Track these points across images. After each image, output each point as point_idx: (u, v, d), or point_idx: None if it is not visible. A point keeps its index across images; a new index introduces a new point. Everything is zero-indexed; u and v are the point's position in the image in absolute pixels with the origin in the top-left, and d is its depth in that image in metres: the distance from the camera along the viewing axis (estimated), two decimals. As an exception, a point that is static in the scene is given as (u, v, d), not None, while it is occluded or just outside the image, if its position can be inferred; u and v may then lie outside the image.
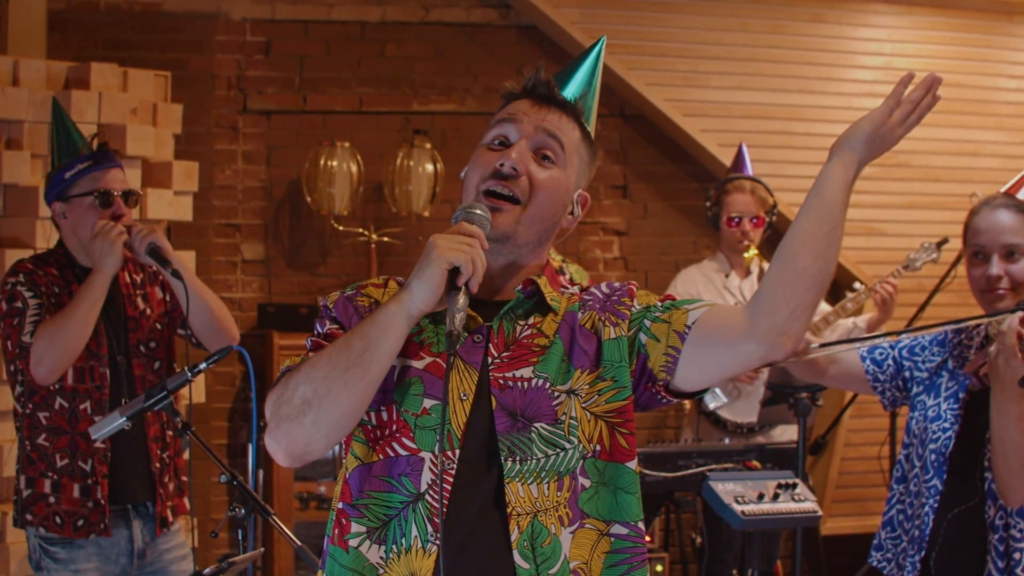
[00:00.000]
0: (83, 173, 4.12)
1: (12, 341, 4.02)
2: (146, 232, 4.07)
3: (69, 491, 4.04)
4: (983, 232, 3.53)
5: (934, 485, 3.54)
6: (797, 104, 7.24)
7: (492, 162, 2.44)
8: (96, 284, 4.01)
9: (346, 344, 2.28)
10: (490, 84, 7.13)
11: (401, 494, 2.34)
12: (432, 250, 2.29)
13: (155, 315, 4.30)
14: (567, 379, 2.40)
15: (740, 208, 5.87)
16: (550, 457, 2.36)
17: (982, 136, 7.41)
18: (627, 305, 2.47)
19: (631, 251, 7.34)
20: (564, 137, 2.47)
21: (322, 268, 7.01)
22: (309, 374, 2.27)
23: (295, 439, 2.28)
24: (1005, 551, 3.41)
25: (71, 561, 4.06)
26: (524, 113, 2.48)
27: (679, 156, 7.27)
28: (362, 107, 7.04)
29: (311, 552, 3.33)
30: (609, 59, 6.92)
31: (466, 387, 2.38)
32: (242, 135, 6.88)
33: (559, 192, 2.47)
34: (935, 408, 3.61)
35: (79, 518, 4.04)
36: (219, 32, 6.84)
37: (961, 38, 7.48)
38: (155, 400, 3.47)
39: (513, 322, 2.45)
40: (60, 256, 4.19)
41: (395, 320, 2.27)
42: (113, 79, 5.83)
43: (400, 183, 6.77)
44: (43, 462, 4.07)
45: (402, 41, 7.08)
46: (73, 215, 4.13)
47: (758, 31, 7.19)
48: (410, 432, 2.35)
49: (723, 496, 4.60)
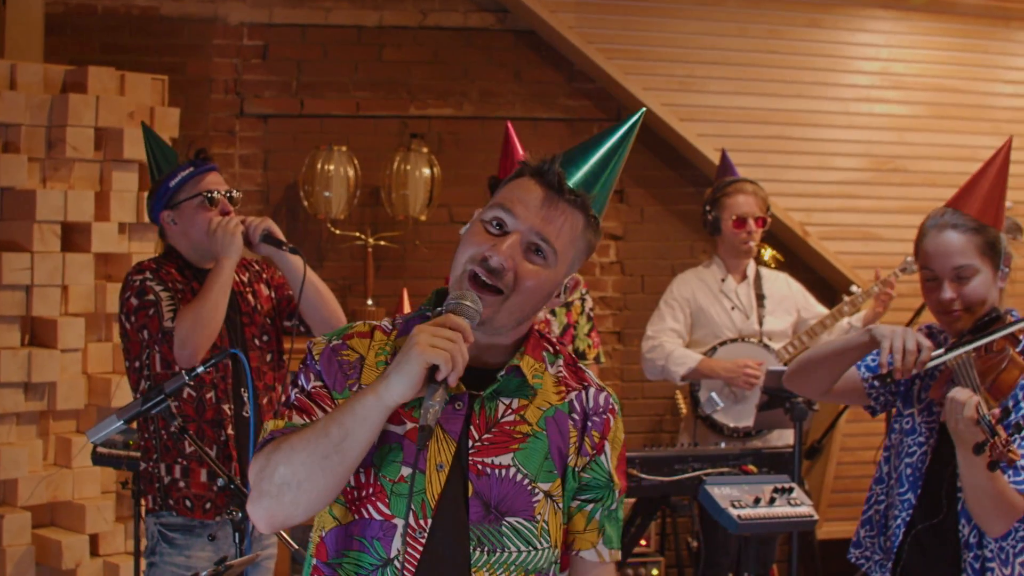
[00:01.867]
0: (186, 179, 4.34)
1: (150, 329, 4.19)
2: (259, 221, 4.33)
3: (197, 476, 4.23)
4: (932, 256, 3.51)
5: (908, 499, 3.56)
6: (794, 109, 7.25)
7: (484, 245, 2.43)
8: (224, 267, 4.23)
9: (325, 431, 2.31)
10: (487, 88, 7.14)
11: (372, 556, 2.40)
12: (413, 347, 2.27)
13: (265, 310, 4.51)
14: (548, 480, 2.46)
15: (745, 209, 5.85)
16: (523, 553, 2.43)
17: (978, 141, 7.41)
18: (593, 443, 2.53)
19: (628, 255, 7.35)
20: (559, 241, 2.46)
21: (319, 272, 6.97)
22: (289, 456, 2.32)
23: (274, 514, 2.34)
24: (980, 569, 3.43)
25: (187, 547, 4.25)
26: (526, 208, 2.45)
27: (676, 161, 7.28)
28: (359, 111, 7.05)
29: (307, 555, 3.33)
30: (606, 64, 6.94)
31: (443, 457, 2.41)
32: (239, 139, 6.89)
33: (543, 287, 2.47)
34: (909, 420, 3.62)
35: (207, 501, 4.24)
36: (216, 36, 6.85)
37: (958, 43, 7.48)
38: (152, 403, 3.49)
39: (495, 401, 2.47)
40: (174, 258, 4.38)
41: (372, 412, 2.29)
42: (110, 83, 5.84)
43: (397, 187, 6.78)
44: (175, 449, 4.25)
45: (399, 45, 7.08)
46: (182, 219, 4.34)
47: (755, 36, 7.20)
48: (385, 497, 2.40)
49: (719, 500, 4.60)
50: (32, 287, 5.54)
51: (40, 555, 5.57)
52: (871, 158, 7.34)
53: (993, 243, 3.52)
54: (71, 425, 5.77)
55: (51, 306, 5.59)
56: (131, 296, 4.23)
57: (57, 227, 5.59)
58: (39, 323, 5.64)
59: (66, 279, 5.62)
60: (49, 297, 5.59)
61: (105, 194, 5.76)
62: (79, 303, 5.68)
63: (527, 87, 7.19)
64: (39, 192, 5.52)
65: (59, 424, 5.74)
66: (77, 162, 5.71)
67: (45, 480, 5.54)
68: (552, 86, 7.23)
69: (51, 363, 5.54)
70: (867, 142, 7.35)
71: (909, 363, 3.38)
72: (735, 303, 5.95)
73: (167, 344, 4.15)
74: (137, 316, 4.20)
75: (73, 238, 5.68)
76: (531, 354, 2.53)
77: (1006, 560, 3.41)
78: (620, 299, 7.32)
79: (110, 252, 5.78)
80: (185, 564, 4.23)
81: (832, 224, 7.27)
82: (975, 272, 3.47)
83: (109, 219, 5.74)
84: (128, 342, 4.26)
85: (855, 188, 7.30)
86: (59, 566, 5.55)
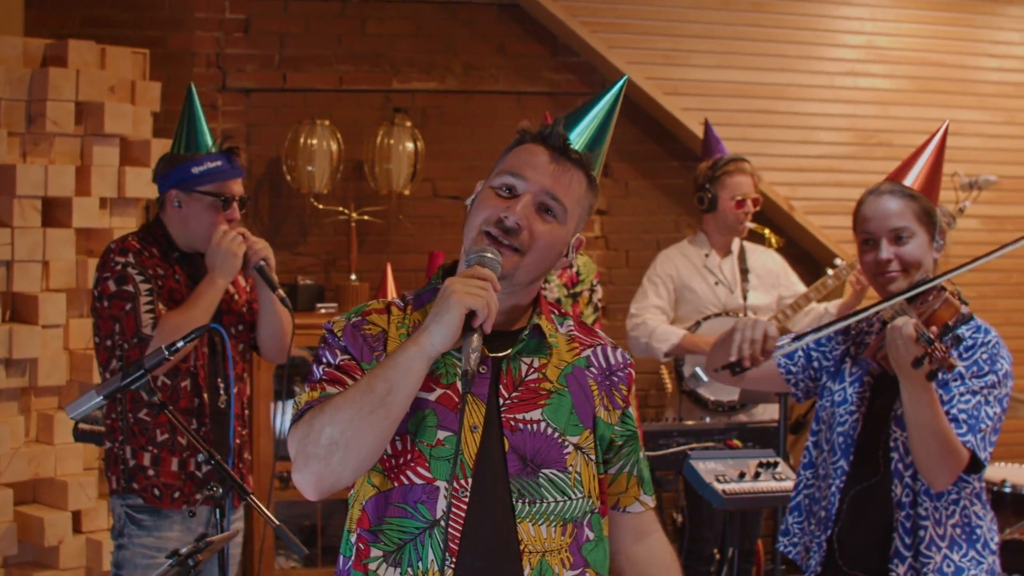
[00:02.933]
0: (211, 174, 4.27)
1: (124, 325, 4.14)
2: (260, 247, 4.31)
3: (168, 464, 4.20)
4: (870, 219, 3.62)
5: (840, 466, 3.64)
6: (779, 83, 7.24)
7: (497, 209, 2.54)
8: (217, 287, 4.20)
9: (369, 387, 2.39)
10: (471, 62, 7.10)
11: (417, 520, 2.49)
12: (450, 295, 2.39)
13: (243, 300, 4.48)
14: (576, 433, 2.60)
15: (745, 189, 5.88)
16: (560, 503, 2.55)
17: (964, 116, 7.41)
18: (623, 396, 2.71)
19: (613, 230, 7.33)
20: (568, 198, 2.58)
21: (302, 247, 6.99)
22: (334, 416, 2.39)
23: (323, 477, 2.40)
24: (912, 528, 3.50)
25: (156, 528, 4.22)
26: (534, 170, 2.57)
27: (660, 135, 7.26)
28: (342, 85, 7.01)
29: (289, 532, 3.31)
30: (590, 37, 6.91)
31: (475, 419, 2.53)
32: (221, 113, 6.85)
33: (557, 244, 2.59)
34: (841, 392, 3.71)
35: (175, 490, 4.21)
36: (198, 9, 6.80)
37: (943, 17, 7.48)
38: (132, 379, 3.46)
39: (518, 360, 2.60)
40: (159, 236, 4.31)
41: (416, 362, 2.40)
42: (91, 56, 5.79)
43: (380, 161, 6.75)
44: (143, 435, 4.21)
45: (382, 19, 7.04)
46: (190, 208, 4.27)
47: (740, 9, 7.18)
48: (425, 462, 2.50)
49: (704, 475, 4.60)
50: (12, 263, 5.49)
51: (22, 532, 5.55)
52: (856, 132, 7.34)
53: (930, 212, 3.62)
54: (53, 402, 5.74)
55: (32, 282, 5.55)
56: (110, 279, 4.17)
57: (38, 202, 5.54)
58: (20, 299, 5.60)
59: (47, 255, 5.57)
60: (30, 273, 5.55)
61: (86, 169, 5.72)
62: (60, 279, 5.64)
63: (511, 61, 7.16)
64: (19, 167, 5.47)
65: (41, 400, 5.70)
66: (57, 136, 5.66)
67: (27, 456, 5.52)
68: (536, 60, 7.20)
69: (32, 339, 5.51)
70: (852, 116, 7.35)
71: (756, 350, 3.56)
72: (719, 278, 5.95)
73: (139, 350, 4.09)
74: (112, 304, 4.14)
75: (54, 213, 5.64)
76: (545, 315, 2.67)
77: (939, 521, 3.50)
78: (605, 274, 7.30)
79: (91, 227, 5.73)
80: (156, 545, 4.21)
81: (817, 198, 7.26)
82: (912, 235, 3.58)
83: (90, 194, 5.70)
84: (99, 319, 4.21)
85: (840, 162, 7.30)
86: (41, 543, 5.53)
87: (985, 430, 3.44)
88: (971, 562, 3.50)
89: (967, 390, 3.46)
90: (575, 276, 5.93)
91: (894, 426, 3.55)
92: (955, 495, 3.52)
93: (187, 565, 3.19)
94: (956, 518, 3.51)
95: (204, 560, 3.25)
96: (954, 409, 3.44)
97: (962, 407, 3.45)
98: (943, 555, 3.47)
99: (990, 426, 3.45)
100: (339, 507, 6.82)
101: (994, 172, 6.79)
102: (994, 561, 3.57)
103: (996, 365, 3.51)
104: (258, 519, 6.05)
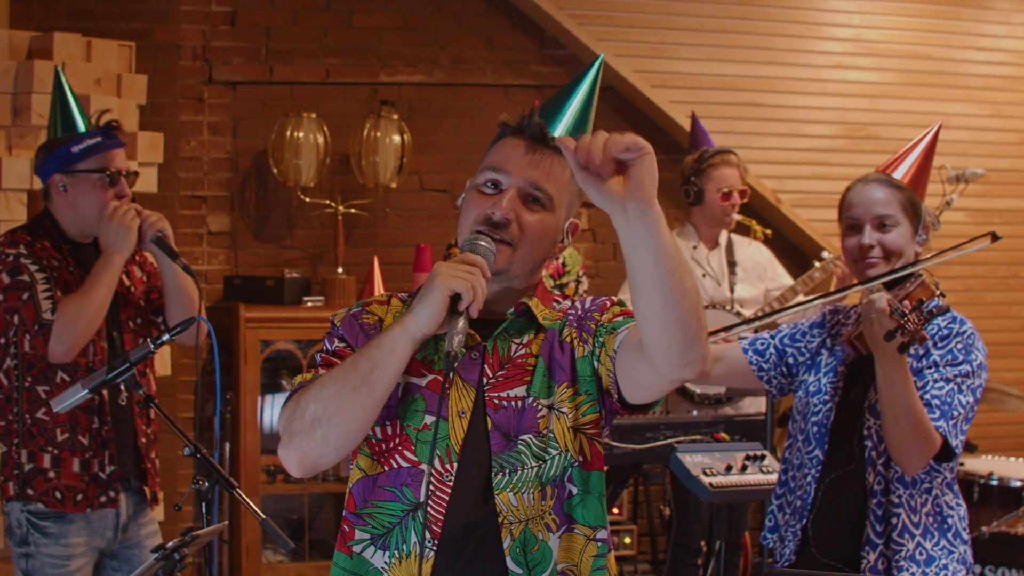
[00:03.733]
0: (92, 150, 4.14)
1: (23, 316, 4.04)
2: (155, 219, 4.18)
3: (69, 465, 4.07)
4: (856, 205, 3.68)
5: (816, 455, 3.66)
6: (766, 76, 7.25)
7: (484, 207, 2.55)
8: (114, 265, 4.08)
9: (353, 365, 2.43)
10: (458, 55, 7.09)
11: (402, 503, 2.52)
12: (435, 277, 2.40)
13: (139, 292, 4.35)
14: (549, 394, 2.57)
15: (732, 182, 5.88)
16: (535, 467, 2.52)
17: (951, 108, 7.42)
18: (596, 320, 2.61)
19: (599, 223, 7.33)
20: (552, 186, 2.58)
21: (288, 240, 6.97)
22: (319, 393, 2.43)
23: (306, 453, 2.44)
24: (884, 515, 3.52)
25: (61, 535, 4.07)
26: (515, 163, 2.58)
27: (648, 127, 7.25)
28: (329, 78, 6.99)
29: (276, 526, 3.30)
30: (577, 30, 6.90)
31: (464, 404, 2.54)
32: (207, 106, 6.83)
33: (548, 233, 2.60)
34: (816, 383, 3.74)
35: (78, 492, 4.08)
36: (184, 2, 6.77)
37: (930, 10, 7.49)
38: (117, 372, 3.43)
39: (507, 341, 2.61)
40: (49, 228, 4.20)
41: (399, 342, 2.41)
42: (77, 49, 5.77)
43: (367, 154, 6.73)
44: (42, 436, 4.08)
45: (369, 11, 7.02)
46: (76, 190, 4.15)
47: (728, 2, 7.18)
48: (411, 445, 2.53)
49: (691, 468, 4.59)
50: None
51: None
52: (843, 125, 7.34)
53: (915, 204, 3.68)
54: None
55: (17, 275, 5.53)
56: (2, 272, 4.04)
57: (23, 195, 5.52)
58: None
59: (32, 247, 5.55)
60: (15, 266, 5.52)
61: (71, 161, 5.70)
62: (46, 272, 5.62)
63: (498, 53, 7.15)
64: (4, 160, 5.45)
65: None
66: (43, 129, 5.61)
67: None
68: (523, 52, 7.19)
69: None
70: (839, 109, 7.36)
71: None
72: (706, 270, 5.95)
73: (42, 337, 4.01)
74: (7, 296, 4.03)
75: (39, 206, 5.61)
76: (540, 298, 2.66)
77: (912, 509, 3.52)
78: (592, 267, 7.30)
79: (77, 220, 5.71)
80: (64, 554, 4.09)
81: (804, 191, 7.27)
82: (896, 223, 3.63)
83: (76, 187, 5.68)
84: None
85: (827, 155, 7.30)
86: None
87: (957, 417, 3.46)
88: (943, 551, 3.52)
89: (941, 377, 3.50)
90: (561, 267, 5.93)
91: (868, 414, 3.58)
92: (927, 484, 3.54)
93: (173, 559, 3.18)
94: (928, 507, 3.53)
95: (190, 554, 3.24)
96: (927, 395, 3.47)
97: (935, 393, 3.47)
98: (915, 543, 3.50)
99: (962, 414, 3.48)
100: (327, 501, 6.82)
101: (981, 165, 6.79)
102: (966, 551, 3.59)
103: (971, 355, 3.54)
104: (245, 513, 6.04)
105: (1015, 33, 7.70)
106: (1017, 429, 7.59)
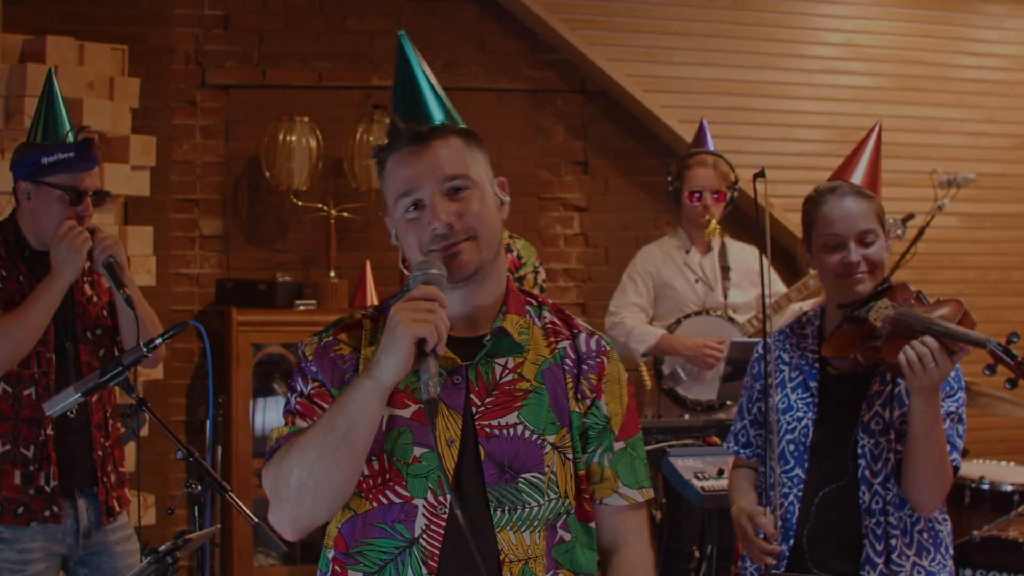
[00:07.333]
0: (63, 165, 4.02)
1: None
2: (109, 243, 4.01)
3: (10, 478, 3.93)
4: (837, 221, 3.60)
5: (796, 475, 3.60)
6: (758, 80, 7.26)
7: (423, 230, 2.49)
8: (55, 289, 3.94)
9: (330, 425, 2.37)
10: (451, 59, 7.09)
11: (396, 539, 2.47)
12: (396, 326, 2.33)
13: (102, 302, 4.23)
14: (554, 432, 2.54)
15: (702, 182, 5.84)
16: (542, 506, 2.51)
17: (942, 113, 7.44)
18: (591, 385, 2.61)
19: (592, 227, 7.33)
20: (458, 167, 2.52)
21: (281, 244, 6.97)
22: (299, 458, 2.39)
23: (299, 519, 2.42)
24: (883, 535, 3.48)
25: (16, 541, 3.95)
26: (416, 175, 2.51)
27: (640, 132, 7.26)
28: (321, 82, 7.00)
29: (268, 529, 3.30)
30: (570, 34, 6.91)
31: (452, 433, 2.49)
32: (200, 110, 6.83)
33: (488, 208, 2.55)
34: (784, 400, 3.67)
35: (19, 505, 3.94)
36: (177, 6, 6.78)
37: (922, 15, 7.51)
38: (111, 376, 3.43)
39: (490, 364, 2.55)
40: (10, 234, 4.10)
41: (371, 397, 2.35)
42: (69, 53, 5.76)
43: (360, 158, 6.74)
44: None
45: (362, 15, 7.03)
46: (38, 201, 4.03)
47: (720, 7, 7.19)
48: (403, 480, 2.47)
49: (683, 472, 4.60)
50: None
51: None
52: (835, 130, 7.34)
53: (882, 211, 3.66)
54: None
55: (10, 278, 5.52)
56: None
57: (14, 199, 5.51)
58: None
59: (25, 251, 5.54)
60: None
61: (64, 165, 5.69)
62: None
63: (490, 58, 7.15)
64: None
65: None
66: (34, 132, 5.64)
67: None
68: (516, 57, 7.20)
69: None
70: (831, 114, 7.37)
71: None
72: (699, 275, 5.93)
73: None
74: None
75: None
76: (514, 312, 2.60)
77: (906, 530, 3.49)
78: (584, 271, 7.31)
79: (69, 224, 5.71)
80: (21, 559, 3.96)
81: (796, 196, 7.19)
82: (876, 236, 3.59)
83: (68, 190, 5.67)
84: None
85: (819, 160, 7.29)
86: None
87: (960, 447, 3.47)
88: (938, 566, 3.52)
89: (944, 413, 3.43)
90: (517, 260, 5.90)
91: (861, 432, 3.52)
92: None
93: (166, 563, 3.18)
94: (922, 524, 3.51)
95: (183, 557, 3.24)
96: None
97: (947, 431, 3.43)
98: (912, 562, 3.48)
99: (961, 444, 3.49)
100: (318, 504, 6.81)
101: (972, 170, 6.80)
102: (950, 562, 3.58)
103: (960, 381, 3.54)
104: (237, 516, 6.03)
105: (1006, 38, 7.72)
106: (1008, 434, 7.59)
